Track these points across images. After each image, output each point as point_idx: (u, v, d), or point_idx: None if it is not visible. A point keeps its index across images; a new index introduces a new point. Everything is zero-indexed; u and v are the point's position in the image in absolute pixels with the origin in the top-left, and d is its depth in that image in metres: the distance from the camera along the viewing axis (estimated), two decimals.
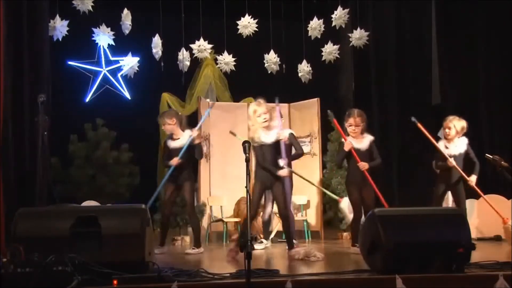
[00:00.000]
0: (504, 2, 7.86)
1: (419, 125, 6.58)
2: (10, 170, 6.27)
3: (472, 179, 6.36)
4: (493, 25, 8.06)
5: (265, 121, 5.71)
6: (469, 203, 7.37)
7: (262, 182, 5.71)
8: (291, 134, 6.18)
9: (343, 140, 6.09)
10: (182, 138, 6.29)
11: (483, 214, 7.04)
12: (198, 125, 6.40)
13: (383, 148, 8.77)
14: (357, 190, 5.94)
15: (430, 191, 9.00)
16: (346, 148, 5.94)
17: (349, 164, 6.07)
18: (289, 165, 6.05)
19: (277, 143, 5.76)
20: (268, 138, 5.72)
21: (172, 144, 6.31)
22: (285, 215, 5.75)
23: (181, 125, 6.37)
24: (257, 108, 5.77)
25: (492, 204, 7.27)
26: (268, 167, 5.70)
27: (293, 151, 6.17)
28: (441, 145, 6.55)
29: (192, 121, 8.18)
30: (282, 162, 5.71)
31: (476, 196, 7.47)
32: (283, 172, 5.68)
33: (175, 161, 6.12)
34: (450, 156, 6.41)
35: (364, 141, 6.04)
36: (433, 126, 8.72)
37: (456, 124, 6.45)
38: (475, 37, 8.25)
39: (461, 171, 6.35)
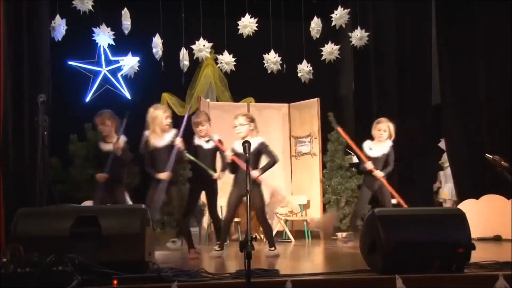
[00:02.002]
0: (504, 2, 7.86)
1: (339, 129, 6.85)
2: (10, 170, 6.28)
3: (379, 173, 6.43)
4: (493, 25, 8.06)
5: (168, 124, 5.86)
6: (469, 203, 7.39)
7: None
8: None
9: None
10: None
11: (483, 214, 7.05)
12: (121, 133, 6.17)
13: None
14: (238, 192, 5.80)
15: (430, 191, 9.07)
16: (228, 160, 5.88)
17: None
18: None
19: (170, 147, 5.79)
20: (161, 142, 5.82)
21: (106, 147, 6.19)
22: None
23: (115, 129, 6.25)
24: (165, 111, 5.97)
25: (492, 204, 7.29)
26: (148, 170, 5.87)
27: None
28: (366, 146, 6.61)
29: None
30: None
31: (476, 196, 7.48)
32: (163, 176, 5.77)
33: (100, 177, 6.02)
34: (372, 158, 6.49)
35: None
36: (433, 126, 8.77)
37: (390, 126, 6.54)
38: (475, 37, 8.24)
39: (373, 168, 6.44)
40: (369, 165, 6.46)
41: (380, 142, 6.56)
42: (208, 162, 6.18)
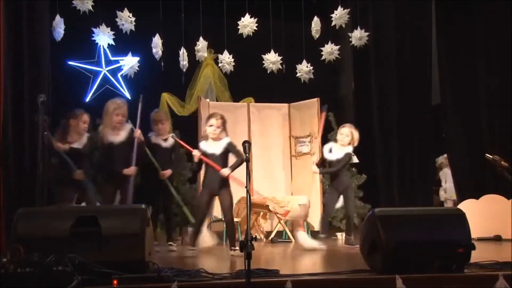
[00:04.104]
0: (504, 2, 7.86)
1: (323, 115, 7.24)
2: (10, 170, 6.28)
3: (313, 168, 6.81)
4: (493, 25, 8.06)
5: (119, 121, 5.89)
6: (469, 203, 7.38)
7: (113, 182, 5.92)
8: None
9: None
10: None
11: (483, 214, 7.05)
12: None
13: (383, 148, 8.81)
14: (209, 195, 5.81)
15: (430, 191, 9.06)
16: (195, 159, 5.81)
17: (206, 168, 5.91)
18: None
19: (127, 143, 5.87)
20: (117, 138, 5.88)
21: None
22: None
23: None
24: (116, 108, 5.97)
25: (492, 204, 7.29)
26: (107, 167, 5.96)
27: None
28: (326, 147, 6.82)
29: (192, 120, 8.19)
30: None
31: (476, 196, 7.48)
32: (129, 172, 5.89)
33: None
34: (328, 161, 6.71)
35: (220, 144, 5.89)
36: (433, 126, 8.76)
37: (354, 133, 6.73)
38: (475, 37, 8.24)
39: (316, 163, 6.81)
40: (314, 157, 6.83)
41: (342, 146, 6.70)
42: (165, 160, 6.33)
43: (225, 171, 5.67)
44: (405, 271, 3.69)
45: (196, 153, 5.77)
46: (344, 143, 6.68)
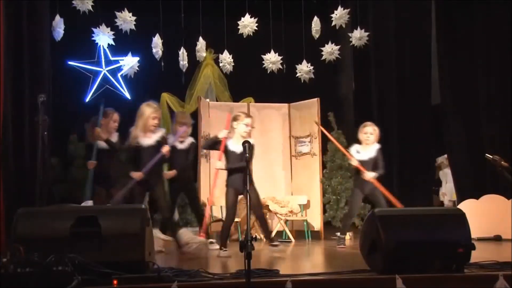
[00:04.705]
0: (504, 3, 7.86)
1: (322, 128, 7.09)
2: (10, 170, 6.28)
3: (370, 174, 6.44)
4: (493, 25, 8.06)
5: (154, 125, 5.84)
6: (469, 203, 7.38)
7: (144, 183, 5.84)
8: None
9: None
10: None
11: (483, 214, 7.05)
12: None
13: (383, 148, 8.80)
14: (235, 194, 5.81)
15: (430, 191, 9.07)
16: (220, 135, 5.88)
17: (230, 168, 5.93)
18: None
19: (155, 147, 5.82)
20: (146, 140, 5.84)
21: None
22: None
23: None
24: (154, 112, 5.87)
25: (492, 204, 7.29)
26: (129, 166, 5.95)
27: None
28: (353, 149, 6.71)
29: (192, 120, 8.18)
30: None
31: (476, 196, 7.48)
32: (135, 175, 5.80)
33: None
34: (359, 161, 6.54)
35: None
36: (433, 126, 8.77)
37: (376, 129, 6.64)
38: (475, 37, 8.24)
39: (361, 167, 6.47)
40: (354, 161, 6.55)
41: (367, 145, 6.63)
42: (180, 162, 6.38)
43: (217, 164, 5.82)
44: (405, 271, 3.69)
45: (223, 133, 5.88)
46: (370, 142, 6.58)
